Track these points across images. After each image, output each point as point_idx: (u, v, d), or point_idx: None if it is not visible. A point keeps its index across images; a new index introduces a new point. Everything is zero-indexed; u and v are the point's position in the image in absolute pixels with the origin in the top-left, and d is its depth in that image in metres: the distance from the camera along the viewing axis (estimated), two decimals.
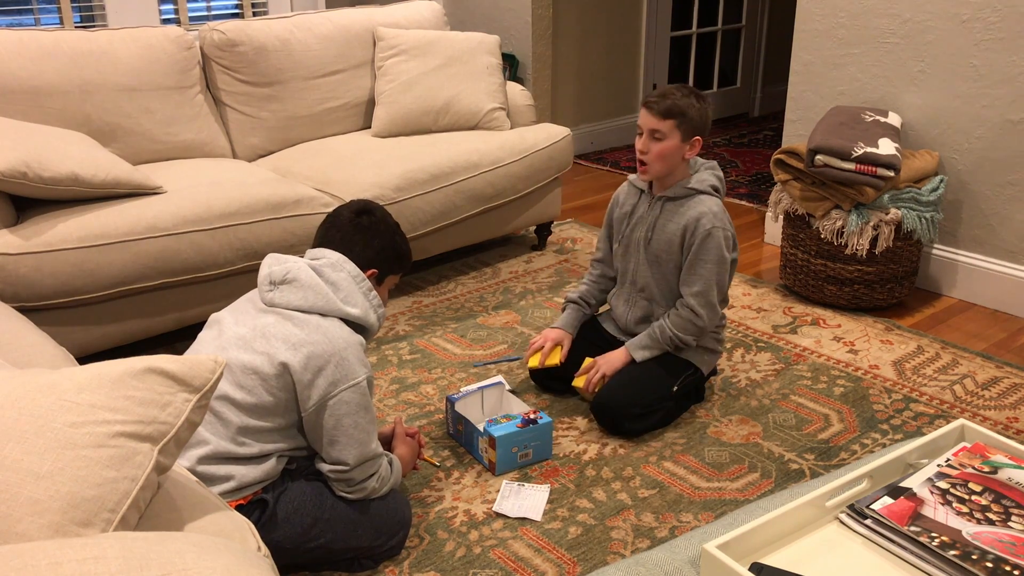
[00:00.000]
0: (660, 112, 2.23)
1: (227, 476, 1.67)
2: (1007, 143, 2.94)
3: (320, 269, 1.79)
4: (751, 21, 5.71)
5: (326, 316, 1.76)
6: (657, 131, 2.24)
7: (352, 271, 1.81)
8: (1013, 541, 1.07)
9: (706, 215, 2.26)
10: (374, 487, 1.82)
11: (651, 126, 2.24)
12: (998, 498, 1.15)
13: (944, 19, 2.99)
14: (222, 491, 1.66)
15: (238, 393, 1.70)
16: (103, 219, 2.46)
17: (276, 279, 1.78)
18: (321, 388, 1.70)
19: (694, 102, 2.24)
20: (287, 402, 1.72)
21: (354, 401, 1.73)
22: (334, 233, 1.88)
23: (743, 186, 4.44)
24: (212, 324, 1.84)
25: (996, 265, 3.06)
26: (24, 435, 1.00)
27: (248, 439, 1.70)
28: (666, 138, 2.24)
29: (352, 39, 3.46)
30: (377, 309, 1.84)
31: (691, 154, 2.29)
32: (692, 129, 2.24)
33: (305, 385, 1.70)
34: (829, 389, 2.55)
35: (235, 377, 1.70)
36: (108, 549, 0.86)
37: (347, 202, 1.98)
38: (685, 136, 2.24)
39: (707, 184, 2.31)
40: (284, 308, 1.76)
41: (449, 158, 3.12)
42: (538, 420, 2.19)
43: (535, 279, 3.33)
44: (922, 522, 1.11)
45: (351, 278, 1.80)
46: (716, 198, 2.32)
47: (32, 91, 2.77)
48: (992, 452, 1.25)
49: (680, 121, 2.22)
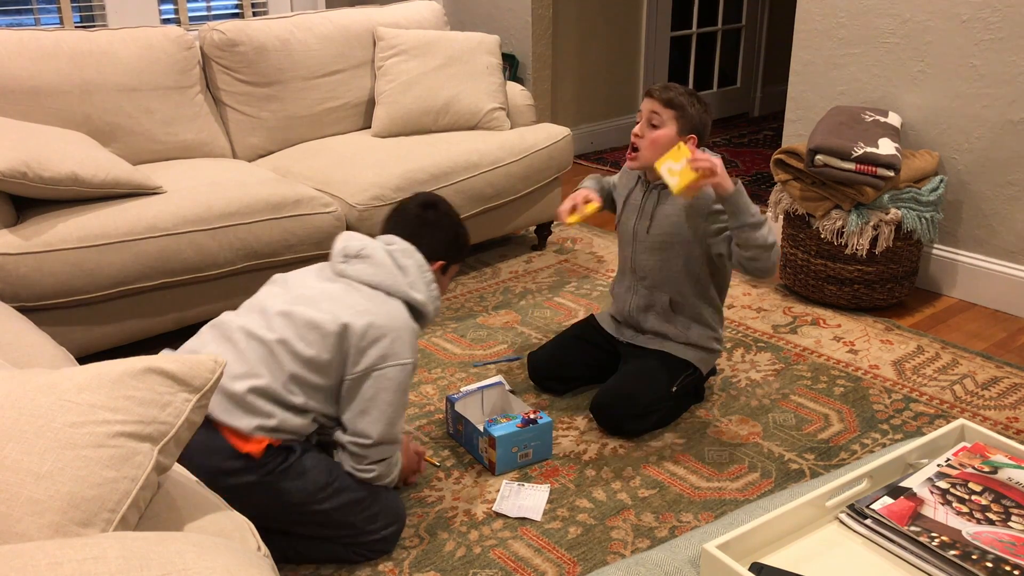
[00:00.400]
0: (663, 100, 2.23)
1: (270, 414, 1.74)
2: (1007, 143, 2.94)
3: (392, 253, 1.89)
4: (751, 21, 5.71)
5: (391, 296, 1.85)
6: (656, 114, 2.23)
7: (419, 260, 1.91)
8: (1013, 541, 1.07)
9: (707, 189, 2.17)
10: (380, 473, 1.85)
11: (651, 109, 2.25)
12: (998, 498, 1.15)
13: (944, 19, 2.99)
14: (260, 425, 1.72)
15: (299, 344, 1.77)
16: (103, 219, 2.46)
17: (351, 253, 1.89)
18: (372, 357, 1.78)
19: (696, 103, 2.25)
20: (338, 364, 1.79)
21: (396, 379, 1.81)
22: (402, 225, 1.97)
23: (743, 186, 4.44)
24: (275, 282, 1.93)
25: (996, 265, 3.06)
26: (24, 435, 1.00)
27: (296, 389, 1.77)
28: (663, 126, 2.23)
29: (352, 39, 3.46)
30: (435, 301, 1.93)
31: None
32: (689, 126, 2.24)
33: (358, 350, 1.78)
34: (829, 389, 2.55)
35: (297, 329, 1.77)
36: (108, 549, 0.86)
37: (412, 195, 2.07)
38: (682, 130, 2.24)
39: None
40: (354, 280, 1.86)
41: (449, 158, 3.12)
42: (538, 420, 2.19)
43: (535, 279, 3.33)
44: (922, 522, 1.11)
45: (418, 267, 1.91)
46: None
47: (32, 91, 2.77)
48: (992, 452, 1.25)
49: (680, 114, 2.23)
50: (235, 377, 1.73)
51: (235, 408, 1.71)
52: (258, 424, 1.71)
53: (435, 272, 1.94)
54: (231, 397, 1.72)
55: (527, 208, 3.44)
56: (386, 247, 1.90)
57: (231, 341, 1.79)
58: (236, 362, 1.75)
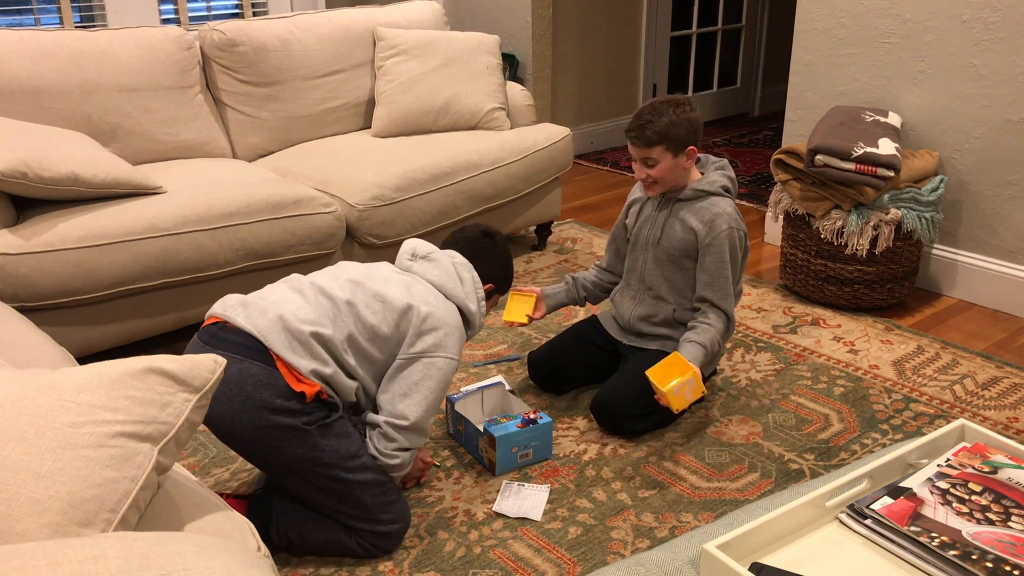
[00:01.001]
0: (644, 143, 2.22)
1: (326, 362, 1.81)
2: (1007, 143, 2.94)
3: (455, 263, 2.06)
4: (751, 21, 5.71)
5: (448, 299, 1.99)
6: (648, 159, 2.24)
7: (475, 277, 2.07)
8: (1013, 541, 1.07)
9: (721, 216, 2.27)
10: (402, 461, 1.91)
11: (641, 155, 2.25)
12: (998, 498, 1.15)
13: (944, 19, 2.99)
14: (315, 370, 1.78)
15: (364, 310, 1.87)
16: (103, 219, 2.46)
17: (420, 254, 2.06)
18: (426, 343, 1.90)
19: (675, 117, 2.21)
20: (395, 343, 1.90)
21: (443, 371, 1.92)
22: (463, 245, 2.14)
23: (743, 186, 4.44)
24: (338, 266, 2.02)
25: (996, 265, 3.06)
26: (24, 435, 1.00)
27: (351, 351, 1.85)
28: (659, 162, 2.24)
29: (352, 39, 3.46)
30: (482, 315, 2.08)
31: (690, 163, 2.28)
32: (681, 144, 2.23)
33: (416, 333, 1.89)
34: (829, 389, 2.55)
35: (365, 297, 1.88)
36: (108, 549, 0.86)
37: (475, 223, 2.25)
38: (676, 152, 2.24)
39: (718, 185, 2.31)
40: (420, 276, 2.01)
41: (449, 158, 3.12)
42: (538, 420, 2.19)
43: (535, 279, 3.33)
44: (922, 522, 1.11)
45: (473, 281, 2.06)
46: (728, 199, 2.32)
47: (32, 91, 2.77)
48: (992, 452, 1.25)
49: (667, 144, 2.22)
50: (301, 320, 1.80)
51: (298, 347, 1.78)
52: (314, 368, 1.78)
53: (484, 291, 2.09)
54: (296, 335, 1.78)
55: (527, 208, 3.44)
56: (450, 258, 2.06)
57: (301, 292, 1.88)
58: (304, 308, 1.83)
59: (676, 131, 2.21)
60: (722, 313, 2.30)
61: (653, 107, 2.23)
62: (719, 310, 2.30)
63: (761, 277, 3.36)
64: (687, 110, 2.23)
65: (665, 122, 2.20)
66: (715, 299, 2.30)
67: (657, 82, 5.28)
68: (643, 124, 2.21)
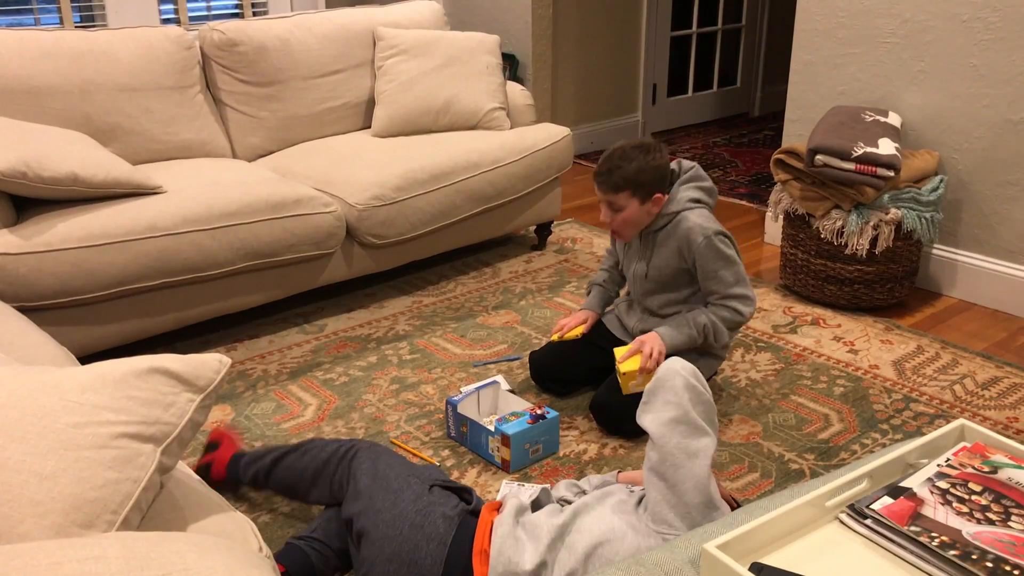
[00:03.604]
0: (611, 187, 2.20)
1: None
2: (1007, 143, 2.94)
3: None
4: (751, 21, 5.71)
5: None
6: (614, 203, 2.23)
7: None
8: (1013, 541, 1.07)
9: (692, 230, 2.23)
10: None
11: (607, 199, 2.23)
12: (998, 498, 1.15)
13: (944, 19, 2.99)
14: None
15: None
16: (103, 219, 2.46)
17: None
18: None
19: (643, 163, 2.18)
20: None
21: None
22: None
23: (743, 186, 4.44)
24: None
25: (996, 265, 3.06)
26: (27, 436, 1.00)
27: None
28: (625, 208, 2.22)
29: (352, 39, 3.46)
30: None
31: (655, 208, 2.26)
32: (648, 192, 2.21)
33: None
34: (829, 389, 2.55)
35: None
36: (109, 549, 0.86)
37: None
38: (643, 199, 2.22)
39: (684, 201, 2.27)
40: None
41: (449, 158, 3.12)
42: (546, 415, 2.20)
43: (535, 279, 3.33)
44: (922, 522, 1.11)
45: None
46: (698, 209, 2.28)
47: (32, 91, 2.77)
48: (992, 452, 1.25)
49: (633, 190, 2.20)
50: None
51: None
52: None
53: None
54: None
55: (527, 208, 3.44)
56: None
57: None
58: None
59: (644, 177, 2.19)
60: (731, 303, 2.26)
61: (623, 151, 2.20)
62: (729, 298, 2.27)
63: (761, 277, 3.36)
64: (657, 157, 2.21)
65: (634, 168, 2.18)
66: (722, 289, 2.26)
67: (657, 82, 5.28)
68: (612, 168, 2.19)
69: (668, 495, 1.55)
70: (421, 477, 1.71)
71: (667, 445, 1.58)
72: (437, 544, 1.57)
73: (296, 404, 2.48)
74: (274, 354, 2.76)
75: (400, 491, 1.66)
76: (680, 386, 1.62)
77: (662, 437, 1.59)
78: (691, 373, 1.65)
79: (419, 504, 1.63)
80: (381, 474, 1.71)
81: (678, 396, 1.61)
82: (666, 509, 1.55)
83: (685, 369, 1.65)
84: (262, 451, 1.95)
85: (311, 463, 1.84)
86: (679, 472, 1.55)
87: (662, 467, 1.57)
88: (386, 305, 3.11)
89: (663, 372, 1.66)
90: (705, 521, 1.52)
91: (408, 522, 1.60)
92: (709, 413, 1.64)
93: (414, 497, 1.64)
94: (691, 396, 1.61)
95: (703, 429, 1.60)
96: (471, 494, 1.74)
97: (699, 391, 1.63)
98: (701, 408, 1.62)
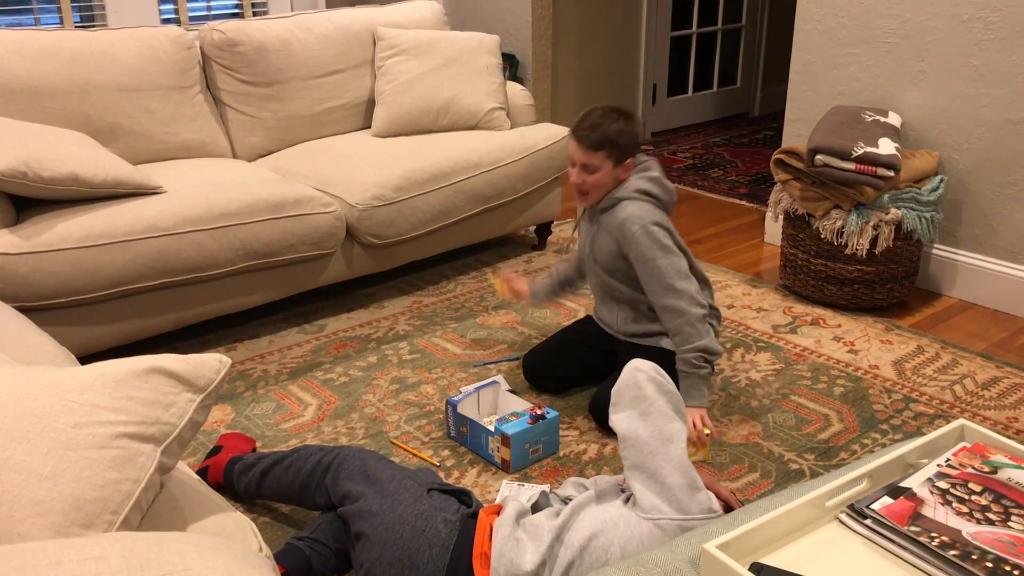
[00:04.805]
0: (590, 144, 2.21)
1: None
2: (1007, 143, 2.94)
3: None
4: (751, 21, 5.71)
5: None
6: (588, 164, 2.23)
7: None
8: (1013, 541, 1.07)
9: (628, 220, 2.24)
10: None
11: (582, 160, 2.24)
12: (998, 498, 1.15)
13: (944, 19, 2.99)
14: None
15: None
16: (103, 219, 2.46)
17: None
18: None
19: (623, 126, 2.21)
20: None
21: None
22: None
23: (743, 186, 4.44)
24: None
25: (996, 265, 3.06)
26: (27, 436, 1.00)
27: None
28: (599, 169, 2.24)
29: (352, 39, 3.46)
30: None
31: (625, 175, 2.27)
32: (623, 155, 2.24)
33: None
34: (829, 389, 2.55)
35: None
36: (108, 549, 0.86)
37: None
38: (617, 162, 2.24)
39: (631, 189, 2.27)
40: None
41: (449, 158, 3.12)
42: (546, 415, 2.20)
43: (535, 279, 3.33)
44: (922, 522, 1.11)
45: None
46: (639, 201, 2.26)
47: (32, 91, 2.77)
48: (992, 452, 1.25)
49: (611, 150, 2.22)
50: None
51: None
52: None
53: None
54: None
55: (527, 208, 3.44)
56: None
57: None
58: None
59: (622, 139, 2.21)
60: (675, 308, 2.22)
61: (603, 112, 2.23)
62: (671, 309, 2.23)
63: (761, 277, 3.36)
64: (633, 124, 2.25)
65: (615, 129, 2.20)
66: (663, 299, 2.23)
67: (657, 82, 5.28)
68: (593, 125, 2.21)
69: (651, 484, 1.60)
70: (416, 479, 1.73)
71: (641, 436, 1.63)
72: (439, 549, 1.59)
73: (296, 404, 2.48)
74: (274, 354, 2.76)
75: (397, 493, 1.67)
76: (643, 381, 1.68)
77: (635, 431, 1.64)
78: (652, 368, 1.71)
79: (419, 508, 1.64)
80: (373, 477, 1.73)
81: (643, 391, 1.67)
82: (652, 497, 1.59)
83: (645, 365, 1.71)
84: (252, 459, 1.95)
85: (296, 477, 1.86)
86: (656, 459, 1.60)
87: (640, 459, 1.62)
88: (386, 305, 3.11)
89: (626, 374, 1.72)
90: (692, 503, 1.57)
91: (409, 526, 1.61)
92: (675, 403, 1.69)
93: (412, 500, 1.65)
94: (655, 388, 1.67)
95: (672, 416, 1.66)
96: (470, 497, 1.74)
97: (662, 383, 1.69)
98: (666, 399, 1.67)
